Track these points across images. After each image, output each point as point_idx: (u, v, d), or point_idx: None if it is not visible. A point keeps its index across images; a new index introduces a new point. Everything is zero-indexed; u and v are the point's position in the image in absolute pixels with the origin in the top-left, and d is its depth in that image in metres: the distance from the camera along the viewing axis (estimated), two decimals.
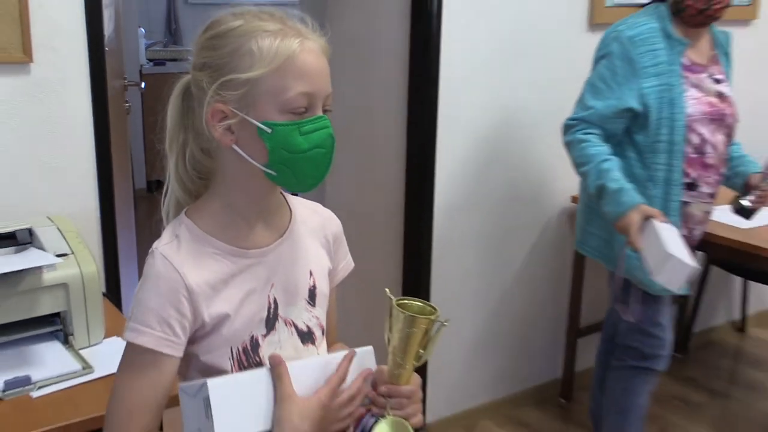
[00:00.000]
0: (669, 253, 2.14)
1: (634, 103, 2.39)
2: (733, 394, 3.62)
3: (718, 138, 2.49)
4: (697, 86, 2.46)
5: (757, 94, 2.66)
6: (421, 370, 1.29)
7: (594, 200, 2.45)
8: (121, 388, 1.17)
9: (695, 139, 2.44)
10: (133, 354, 1.16)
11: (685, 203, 2.49)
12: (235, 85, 1.14)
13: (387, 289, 1.28)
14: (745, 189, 2.53)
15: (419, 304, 1.25)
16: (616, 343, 2.72)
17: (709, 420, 3.38)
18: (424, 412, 3.14)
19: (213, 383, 1.13)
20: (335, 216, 1.43)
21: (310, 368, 1.24)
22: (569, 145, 2.51)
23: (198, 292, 1.18)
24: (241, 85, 1.14)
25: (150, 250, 1.20)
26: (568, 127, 2.52)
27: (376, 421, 1.25)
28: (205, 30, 1.20)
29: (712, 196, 2.52)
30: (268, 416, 1.16)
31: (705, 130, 2.45)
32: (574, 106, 2.54)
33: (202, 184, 1.27)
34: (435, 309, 1.24)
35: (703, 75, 2.50)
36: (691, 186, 2.46)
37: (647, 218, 2.27)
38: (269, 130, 1.15)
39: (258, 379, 1.18)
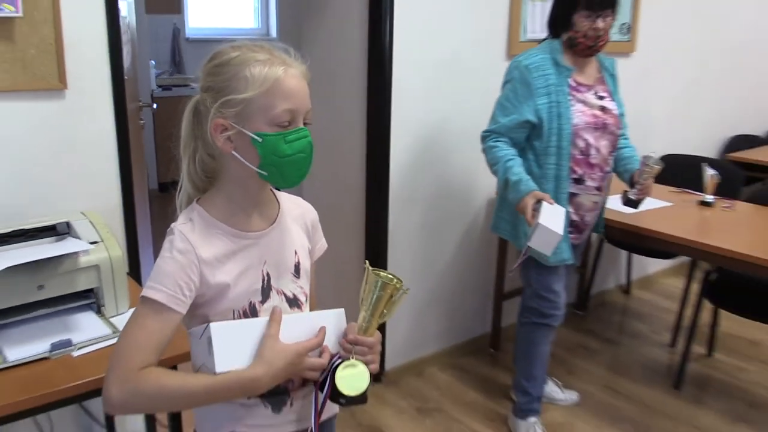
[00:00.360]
0: (538, 223, 2.20)
1: (531, 117, 2.41)
2: (621, 341, 3.66)
3: (602, 143, 2.50)
4: (582, 102, 2.46)
5: (637, 109, 2.71)
6: (380, 328, 1.31)
7: (502, 191, 2.49)
8: (132, 328, 1.17)
9: (581, 144, 2.46)
10: (147, 305, 1.16)
11: (574, 195, 2.51)
12: (232, 103, 1.16)
13: (366, 261, 1.30)
14: (631, 183, 2.54)
15: (389, 275, 1.25)
16: (522, 304, 2.77)
17: (604, 362, 3.41)
18: (382, 361, 3.18)
19: (214, 326, 1.16)
20: (312, 207, 1.45)
21: (296, 322, 1.26)
22: (485, 151, 2.53)
23: (206, 262, 1.20)
24: (237, 104, 1.16)
25: (169, 229, 1.22)
26: (483, 138, 2.54)
27: (341, 362, 1.27)
28: (209, 59, 1.21)
29: (598, 189, 2.55)
30: None
31: (589, 137, 2.47)
32: (488, 121, 2.55)
33: (209, 182, 1.29)
34: (400, 280, 1.26)
35: (589, 93, 2.50)
36: (579, 181, 2.49)
37: (539, 201, 2.32)
38: (260, 140, 1.17)
39: (254, 325, 1.21)
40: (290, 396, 1.32)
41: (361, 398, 1.26)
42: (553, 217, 2.26)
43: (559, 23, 2.47)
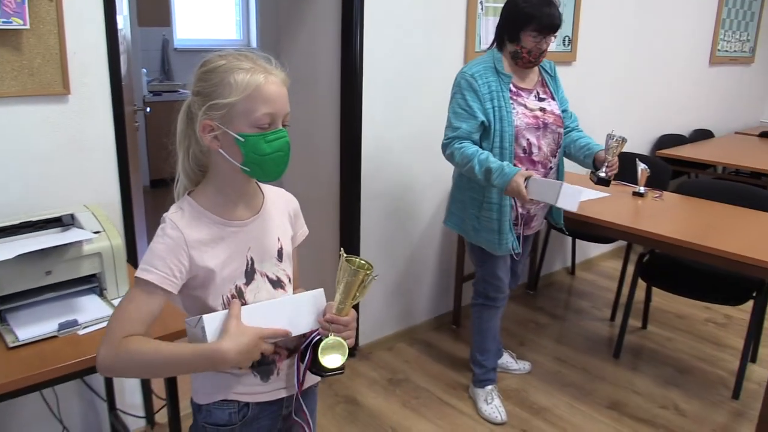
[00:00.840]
0: (560, 183, 2.18)
1: (483, 118, 2.37)
2: (567, 316, 3.71)
3: (543, 141, 2.49)
4: (523, 105, 2.45)
5: (577, 112, 2.74)
6: (355, 307, 1.33)
7: (484, 182, 2.37)
8: (126, 303, 1.19)
9: (524, 143, 2.45)
10: (140, 285, 1.18)
11: None
12: (218, 107, 1.18)
13: (341, 249, 1.32)
14: (596, 165, 2.49)
15: (362, 261, 1.28)
16: (473, 287, 2.79)
17: (552, 335, 3.46)
18: (357, 338, 3.21)
19: (206, 318, 1.20)
20: (294, 197, 1.47)
21: (280, 305, 1.30)
22: (451, 156, 2.44)
23: (194, 246, 1.21)
24: (222, 107, 1.18)
25: (162, 218, 1.23)
26: (445, 145, 2.46)
27: (320, 339, 1.30)
28: (200, 66, 1.23)
29: None
30: None
31: (531, 136, 2.46)
32: (444, 131, 2.47)
33: (201, 175, 1.30)
34: (371, 266, 1.28)
35: (530, 96, 2.49)
36: None
37: (527, 178, 2.26)
38: (242, 140, 1.19)
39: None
40: (277, 366, 1.35)
41: (339, 370, 1.31)
42: (552, 184, 2.23)
43: (506, 36, 2.45)
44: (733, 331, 3.55)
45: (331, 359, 1.29)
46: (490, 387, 2.77)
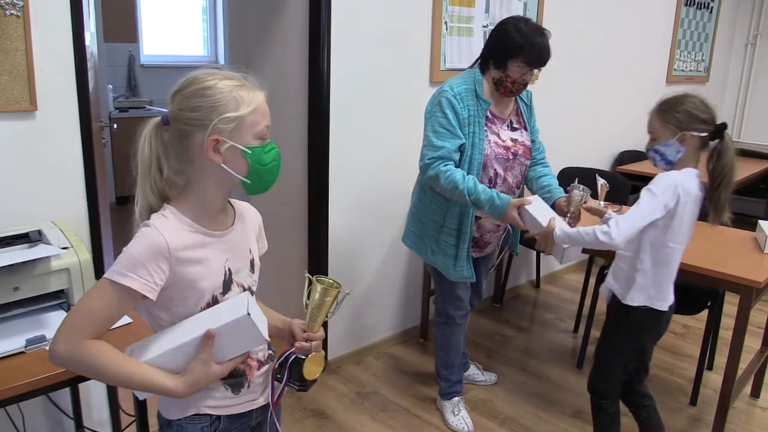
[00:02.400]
0: (564, 248, 2.21)
1: (464, 140, 2.33)
2: (532, 328, 3.78)
3: (510, 173, 2.46)
4: (496, 134, 2.41)
5: (542, 129, 2.82)
6: (323, 323, 1.38)
7: (472, 207, 2.35)
8: (94, 301, 1.17)
9: (491, 172, 2.41)
10: (113, 287, 1.16)
11: (478, 217, 2.48)
12: (227, 120, 1.21)
13: (306, 272, 1.38)
14: (556, 210, 2.36)
15: (329, 280, 1.33)
16: (435, 306, 2.79)
17: (517, 347, 3.51)
18: (326, 352, 3.20)
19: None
20: (257, 211, 1.49)
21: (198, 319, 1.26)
22: (435, 179, 2.32)
23: (176, 254, 1.21)
24: (232, 121, 1.21)
25: (144, 223, 1.22)
26: (427, 166, 2.34)
27: (299, 358, 1.37)
28: (188, 85, 1.23)
29: None
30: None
31: (499, 167, 2.42)
32: (423, 151, 2.38)
33: (173, 191, 1.29)
34: (340, 284, 1.33)
35: (503, 126, 2.45)
36: None
37: (520, 207, 2.23)
38: (250, 152, 1.23)
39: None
40: (248, 379, 1.37)
41: (313, 382, 1.38)
42: (543, 213, 2.22)
43: (492, 62, 2.38)
44: (691, 340, 3.65)
45: (312, 371, 1.37)
46: (456, 399, 2.80)
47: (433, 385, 3.01)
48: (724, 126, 1.99)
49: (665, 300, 2.12)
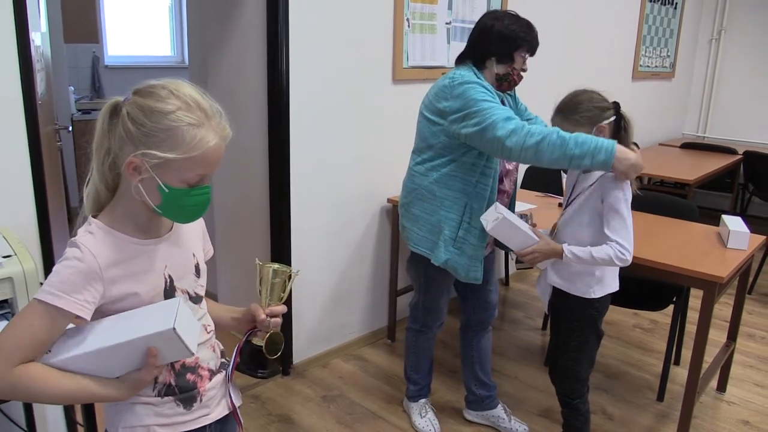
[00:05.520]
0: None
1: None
2: (503, 327, 3.76)
3: (509, 166, 2.48)
4: None
5: None
6: (288, 324, 1.34)
7: (580, 161, 2.03)
8: (20, 327, 1.11)
9: (501, 169, 2.42)
10: (41, 308, 1.10)
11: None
12: (154, 155, 1.12)
13: (257, 258, 1.35)
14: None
15: (279, 264, 1.34)
16: (410, 311, 2.71)
17: None
18: (291, 355, 3.14)
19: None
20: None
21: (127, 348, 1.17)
22: (530, 138, 2.05)
23: (108, 271, 1.15)
24: (159, 157, 1.12)
25: (69, 241, 1.16)
26: (514, 131, 2.07)
27: (256, 334, 1.38)
28: (148, 93, 1.14)
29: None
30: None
31: (505, 165, 2.45)
32: (488, 129, 2.10)
33: (117, 180, 1.22)
34: (289, 267, 1.35)
35: None
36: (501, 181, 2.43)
37: (496, 220, 2.11)
38: (167, 190, 1.15)
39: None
40: (200, 392, 1.30)
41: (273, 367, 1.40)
42: (521, 223, 2.11)
43: (496, 58, 2.31)
44: (659, 336, 3.66)
45: (274, 350, 1.37)
46: (423, 400, 2.77)
47: (401, 386, 2.97)
48: (618, 104, 2.09)
49: (615, 279, 2.19)
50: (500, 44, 2.30)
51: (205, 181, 1.19)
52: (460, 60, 2.40)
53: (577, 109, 2.06)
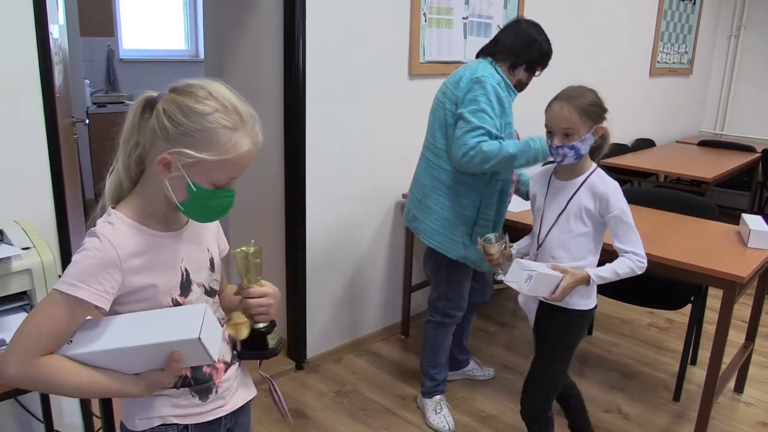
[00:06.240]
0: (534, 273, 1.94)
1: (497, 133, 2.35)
2: (515, 324, 3.75)
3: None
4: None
5: (523, 124, 2.78)
6: (302, 319, 1.34)
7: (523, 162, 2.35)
8: (41, 317, 1.11)
9: None
10: (62, 298, 1.10)
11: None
12: (188, 154, 1.12)
13: (235, 249, 1.32)
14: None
15: (245, 246, 1.30)
16: (429, 303, 2.72)
17: (500, 343, 3.49)
18: (305, 352, 3.14)
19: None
20: None
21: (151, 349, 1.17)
22: (487, 155, 2.29)
23: (127, 261, 1.15)
24: (193, 157, 1.12)
25: (89, 231, 1.16)
26: (473, 146, 2.29)
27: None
28: (185, 92, 1.14)
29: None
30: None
31: None
32: (463, 137, 2.31)
33: (141, 173, 1.22)
34: (257, 245, 1.31)
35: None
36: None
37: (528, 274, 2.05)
38: (195, 190, 1.15)
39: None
40: (215, 384, 1.31)
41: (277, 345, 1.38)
42: (536, 265, 1.98)
43: (525, 65, 2.49)
44: (675, 334, 3.64)
45: (273, 338, 1.36)
46: (438, 397, 2.77)
47: (414, 382, 2.97)
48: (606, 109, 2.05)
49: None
50: (538, 58, 2.51)
51: (232, 185, 1.20)
52: (485, 55, 2.50)
53: (587, 103, 2.01)
